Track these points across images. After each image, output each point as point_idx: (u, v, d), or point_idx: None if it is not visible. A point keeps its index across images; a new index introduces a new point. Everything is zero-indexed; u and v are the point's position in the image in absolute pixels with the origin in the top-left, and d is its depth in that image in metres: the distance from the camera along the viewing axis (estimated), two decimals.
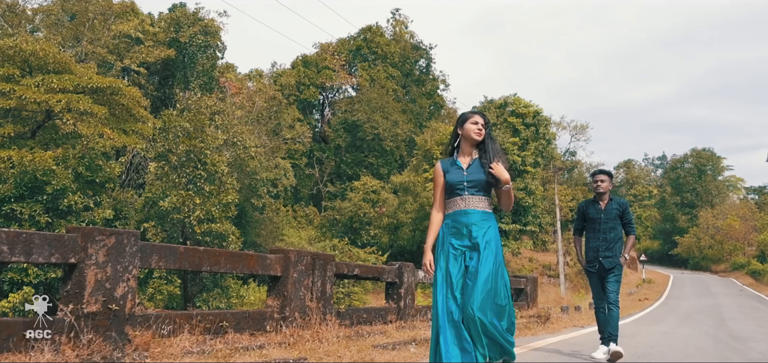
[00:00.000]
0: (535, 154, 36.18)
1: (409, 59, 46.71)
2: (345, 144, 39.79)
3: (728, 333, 9.96)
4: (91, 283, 3.31)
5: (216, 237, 19.60)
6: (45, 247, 3.18)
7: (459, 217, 3.23)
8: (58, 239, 3.24)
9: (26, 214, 16.20)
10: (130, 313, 3.51)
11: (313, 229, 35.11)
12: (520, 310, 9.85)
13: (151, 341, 3.46)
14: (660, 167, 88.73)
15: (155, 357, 3.38)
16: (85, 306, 3.29)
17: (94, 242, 3.37)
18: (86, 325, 3.28)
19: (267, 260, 4.70)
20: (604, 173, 5.67)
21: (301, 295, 4.87)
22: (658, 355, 6.26)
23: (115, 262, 3.48)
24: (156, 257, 3.88)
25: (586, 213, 5.67)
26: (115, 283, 3.47)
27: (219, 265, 4.35)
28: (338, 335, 4.64)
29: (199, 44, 33.13)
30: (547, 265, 35.40)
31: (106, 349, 3.26)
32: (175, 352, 3.48)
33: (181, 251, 4.04)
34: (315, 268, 5.06)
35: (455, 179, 3.27)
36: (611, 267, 5.43)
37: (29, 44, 18.50)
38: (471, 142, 3.33)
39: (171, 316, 3.87)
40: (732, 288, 34.46)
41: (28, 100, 17.38)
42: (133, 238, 3.64)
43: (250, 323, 4.45)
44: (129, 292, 3.52)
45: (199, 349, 3.62)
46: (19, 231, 3.10)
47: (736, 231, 50.80)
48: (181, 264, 4.02)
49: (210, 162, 19.87)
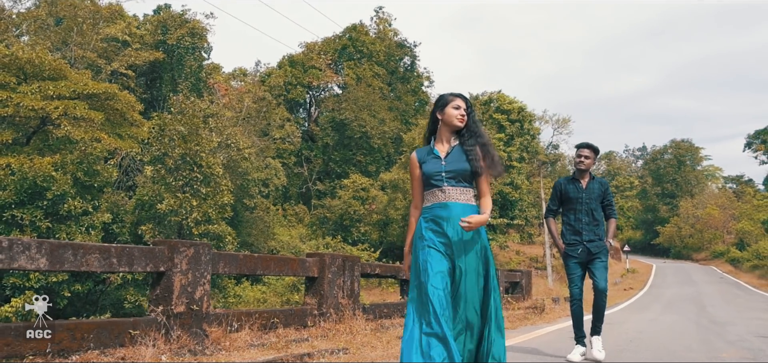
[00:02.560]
0: (520, 149, 37.01)
1: (394, 57, 47.21)
2: (333, 142, 40.21)
3: (709, 318, 10.66)
4: (177, 287, 3.81)
5: (213, 238, 19.97)
6: (142, 258, 3.67)
7: (437, 211, 2.89)
8: (151, 251, 3.73)
9: (27, 220, 16.45)
10: (206, 312, 4.02)
11: (303, 227, 35.51)
12: (517, 302, 10.47)
13: (222, 336, 3.97)
14: (640, 158, 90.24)
15: (227, 349, 3.90)
16: (173, 307, 3.79)
17: (179, 253, 3.86)
18: (175, 323, 3.78)
19: (306, 263, 5.23)
20: (588, 147, 5.04)
21: (334, 293, 5.40)
22: (646, 340, 6.87)
23: (194, 269, 3.97)
24: (222, 264, 4.38)
25: (565, 192, 5.03)
26: (195, 287, 3.96)
27: (269, 268, 4.88)
28: (366, 328, 5.18)
29: (186, 46, 33.35)
30: (533, 258, 36.22)
31: (191, 343, 3.76)
32: (241, 345, 3.99)
33: (240, 258, 4.56)
34: (345, 268, 5.59)
35: (432, 170, 2.93)
36: (597, 251, 4.87)
37: (25, 52, 18.67)
38: (451, 129, 3.00)
39: (234, 314, 4.38)
40: (712, 276, 35.52)
41: (26, 107, 17.59)
42: (207, 249, 4.14)
43: (295, 319, 4.97)
44: (205, 295, 4.02)
45: (259, 342, 4.14)
46: (124, 246, 3.58)
47: (716, 220, 52.07)
48: (240, 269, 4.54)
49: (205, 164, 20.21)
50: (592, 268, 4.91)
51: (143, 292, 19.65)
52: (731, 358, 5.35)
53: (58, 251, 3.21)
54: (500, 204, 34.50)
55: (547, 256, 30.12)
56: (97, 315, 18.80)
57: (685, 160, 64.88)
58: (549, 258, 30.10)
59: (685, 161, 64.90)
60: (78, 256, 3.33)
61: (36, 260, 3.11)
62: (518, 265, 33.47)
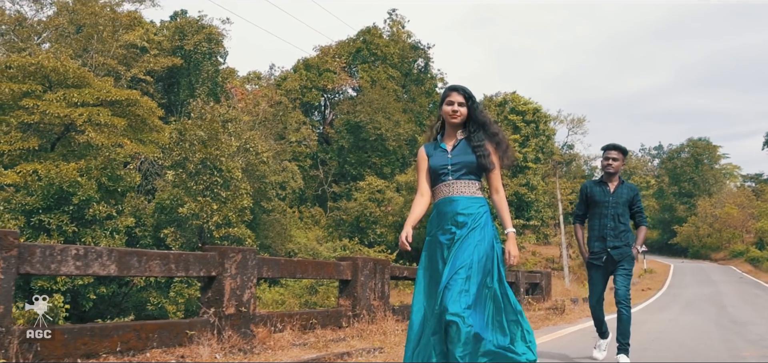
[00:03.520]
0: (535, 150, 37.07)
1: (408, 59, 47.44)
2: (348, 145, 40.48)
3: (730, 318, 10.73)
4: (228, 291, 4.05)
5: (233, 241, 20.29)
6: (196, 264, 3.92)
7: (443, 206, 2.91)
8: (204, 257, 3.98)
9: (54, 225, 16.85)
10: (253, 314, 4.26)
11: (319, 229, 35.80)
12: (537, 302, 10.63)
13: (267, 336, 4.20)
14: (656, 157, 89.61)
15: (272, 348, 4.12)
16: (225, 309, 4.04)
17: (228, 258, 4.10)
18: (226, 324, 4.02)
19: (340, 266, 5.47)
20: (616, 149, 4.80)
21: (367, 295, 5.63)
22: (667, 339, 7.00)
23: (242, 274, 4.21)
24: (266, 268, 4.62)
25: (591, 196, 4.79)
26: (243, 290, 4.20)
27: (308, 272, 5.12)
28: (397, 329, 5.39)
29: (203, 52, 33.77)
30: (550, 258, 36.22)
31: (241, 342, 4.00)
32: (284, 345, 4.22)
33: (282, 262, 4.82)
34: (376, 271, 5.82)
35: (438, 163, 2.95)
36: (620, 259, 4.62)
37: (50, 61, 19.10)
38: (451, 125, 3.02)
39: (278, 316, 4.62)
40: (731, 275, 35.25)
41: (52, 114, 18.02)
42: (253, 254, 4.39)
43: (331, 320, 5.21)
44: (251, 298, 4.26)
45: (300, 342, 4.37)
46: (180, 253, 3.83)
47: (734, 219, 51.57)
48: (282, 273, 4.79)
49: (225, 168, 20.53)
50: (614, 276, 4.68)
51: (165, 294, 20.03)
52: (753, 357, 5.48)
53: (125, 258, 3.45)
54: (516, 205, 34.56)
55: (564, 257, 30.14)
56: (121, 317, 19.21)
57: (702, 158, 64.36)
58: (566, 259, 30.12)
59: (703, 160, 64.37)
60: (142, 262, 3.57)
61: (107, 266, 3.36)
62: (534, 265, 33.50)
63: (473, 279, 2.69)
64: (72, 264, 3.19)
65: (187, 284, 19.87)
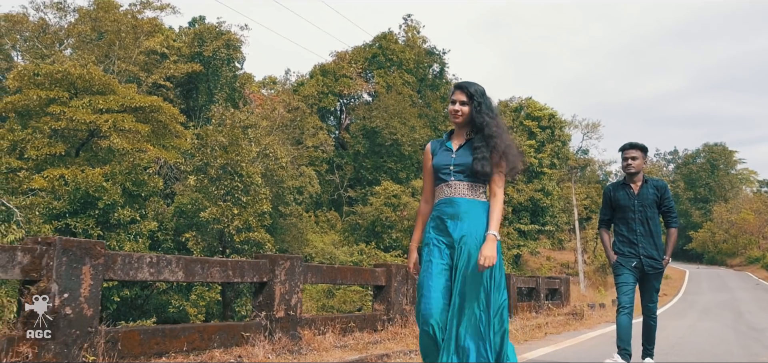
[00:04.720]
0: (551, 155, 37.16)
1: (423, 64, 47.69)
2: (364, 150, 40.77)
3: (747, 325, 10.86)
4: (277, 295, 4.34)
5: (254, 245, 20.63)
6: (250, 270, 4.22)
7: (443, 206, 2.84)
8: (257, 264, 4.28)
9: (80, 229, 17.27)
10: (300, 317, 4.54)
11: (335, 233, 36.10)
12: (557, 308, 10.83)
13: (312, 339, 4.48)
14: (672, 162, 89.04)
15: (317, 349, 4.40)
16: (275, 312, 4.33)
17: (278, 265, 4.39)
18: (276, 326, 4.31)
19: (375, 272, 5.75)
20: (634, 147, 4.54)
21: (400, 300, 5.90)
22: (686, 345, 7.19)
23: (290, 280, 4.50)
24: (310, 274, 4.91)
25: (615, 200, 4.56)
26: (291, 295, 4.49)
27: (347, 278, 5.41)
28: None
29: (222, 58, 34.27)
30: (564, 264, 36.29)
31: (289, 344, 4.28)
32: (327, 346, 4.50)
33: (324, 269, 5.11)
34: (408, 277, 6.09)
35: (441, 162, 2.89)
36: (653, 274, 4.46)
37: (77, 69, 19.58)
38: (455, 124, 2.97)
39: (320, 319, 4.91)
40: (748, 282, 35.08)
41: (78, 121, 18.48)
42: (299, 261, 4.68)
43: (367, 324, 5.48)
44: (298, 302, 4.55)
45: (341, 344, 4.65)
46: (237, 260, 4.13)
47: (751, 225, 51.24)
48: (324, 279, 5.09)
49: (246, 174, 20.89)
50: (645, 287, 4.51)
51: (186, 297, 20.44)
52: None
53: (191, 265, 3.75)
54: (531, 210, 34.65)
55: (579, 262, 30.20)
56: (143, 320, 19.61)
57: (718, 163, 63.95)
58: (581, 264, 30.18)
59: (719, 165, 63.96)
60: (204, 269, 3.87)
61: (176, 273, 3.65)
62: (549, 271, 33.58)
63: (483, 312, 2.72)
64: (147, 270, 3.48)
65: (207, 288, 20.24)
